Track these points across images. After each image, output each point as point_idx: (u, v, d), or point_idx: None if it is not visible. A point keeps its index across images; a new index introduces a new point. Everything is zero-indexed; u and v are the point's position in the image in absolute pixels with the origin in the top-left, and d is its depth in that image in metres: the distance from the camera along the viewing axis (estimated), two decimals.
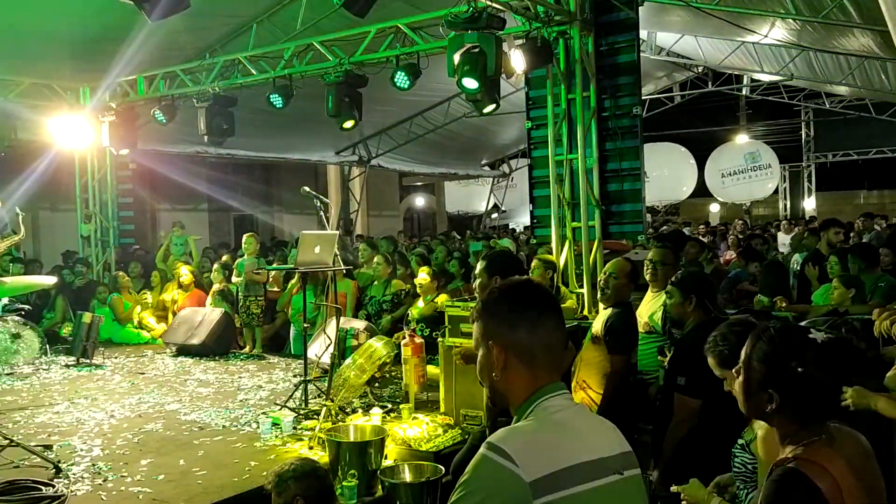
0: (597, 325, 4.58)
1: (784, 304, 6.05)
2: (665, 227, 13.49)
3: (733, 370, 1.95)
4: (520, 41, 6.90)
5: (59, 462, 4.52)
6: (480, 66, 6.41)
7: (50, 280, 5.61)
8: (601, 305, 5.09)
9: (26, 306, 6.00)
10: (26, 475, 4.31)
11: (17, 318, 7.34)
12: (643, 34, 12.63)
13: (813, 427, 1.79)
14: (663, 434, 3.83)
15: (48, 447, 4.87)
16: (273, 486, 3.15)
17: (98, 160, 11.12)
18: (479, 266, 4.03)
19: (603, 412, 3.85)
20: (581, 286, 7.01)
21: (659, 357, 4.61)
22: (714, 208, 26.62)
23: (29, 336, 7.67)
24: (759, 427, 2.67)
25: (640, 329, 4.82)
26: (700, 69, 17.96)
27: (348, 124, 8.38)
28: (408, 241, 16.09)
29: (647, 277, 5.14)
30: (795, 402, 1.78)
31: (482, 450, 1.59)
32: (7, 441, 4.61)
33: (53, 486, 4.13)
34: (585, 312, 6.90)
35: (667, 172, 20.92)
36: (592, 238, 6.97)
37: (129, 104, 10.20)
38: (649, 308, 5.11)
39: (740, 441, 2.83)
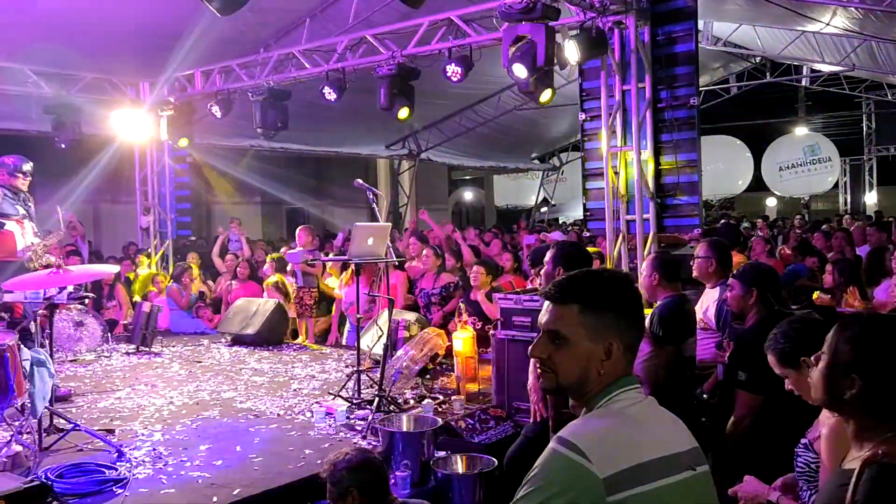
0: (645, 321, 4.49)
1: (857, 302, 5.83)
2: (722, 222, 13.23)
3: (812, 357, 1.87)
4: (574, 31, 6.82)
5: (121, 446, 4.64)
6: (534, 57, 6.36)
7: (113, 269, 5.78)
8: None
9: (90, 294, 6.17)
10: (89, 458, 4.44)
11: (80, 306, 7.57)
12: (699, 24, 12.38)
13: (890, 421, 1.72)
14: (720, 430, 3.75)
15: (111, 431, 5.00)
16: (328, 475, 3.17)
17: (156, 153, 11.38)
18: (548, 255, 3.99)
19: None
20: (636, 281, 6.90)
21: (718, 352, 4.51)
22: (771, 202, 26.01)
23: (91, 324, 7.90)
24: (825, 425, 2.59)
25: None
26: (758, 60, 17.52)
27: (403, 113, 8.40)
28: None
29: (695, 273, 5.02)
30: (879, 390, 1.71)
31: (553, 444, 1.56)
32: (72, 425, 4.75)
33: (116, 469, 4.24)
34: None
35: (722, 166, 20.50)
36: (647, 232, 6.86)
37: (187, 98, 10.42)
38: (702, 303, 5.01)
39: (804, 440, 2.75)
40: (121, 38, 9.11)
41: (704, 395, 4.47)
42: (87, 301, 6.40)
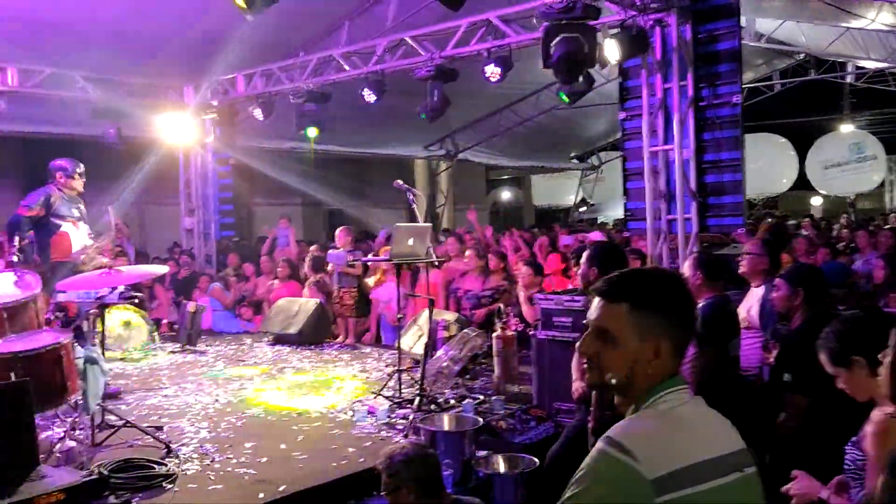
0: None
1: None
2: (766, 221, 13.03)
3: (879, 354, 1.85)
4: (614, 30, 6.78)
5: (169, 442, 4.75)
6: (574, 56, 6.34)
7: (162, 269, 5.93)
8: None
9: (140, 294, 6.32)
10: (140, 454, 4.55)
11: (128, 305, 7.74)
12: (741, 20, 12.21)
13: None
14: (766, 432, 3.71)
15: (159, 428, 5.12)
16: (384, 467, 3.20)
17: (200, 156, 11.58)
18: (584, 256, 3.99)
19: None
20: None
21: (763, 353, 4.46)
22: (816, 201, 25.50)
23: (139, 323, 8.09)
24: (871, 422, 2.55)
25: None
26: (801, 56, 17.19)
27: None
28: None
29: (740, 271, 4.96)
30: None
31: (600, 444, 1.55)
32: (122, 421, 4.88)
33: (165, 465, 4.34)
34: None
35: (764, 164, 20.16)
36: (689, 231, 6.79)
37: (229, 102, 10.59)
38: (746, 302, 4.95)
39: (854, 438, 2.71)
40: (166, 44, 9.30)
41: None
42: (136, 301, 6.55)
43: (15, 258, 5.01)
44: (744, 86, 16.71)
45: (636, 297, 1.66)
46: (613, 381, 1.67)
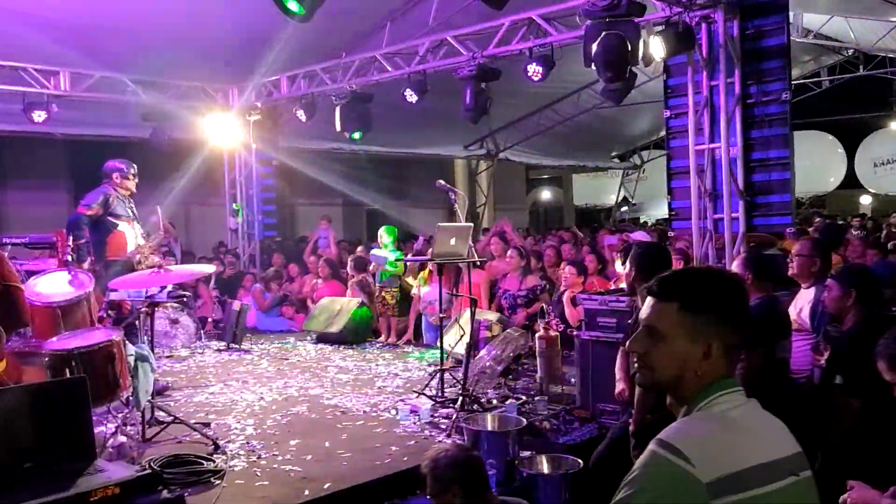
0: None
1: None
2: (817, 220, 12.74)
3: None
4: (659, 27, 6.70)
5: (217, 439, 4.83)
6: (618, 54, 6.29)
7: (210, 268, 6.06)
8: None
9: (188, 293, 6.46)
10: (188, 450, 4.64)
11: (175, 304, 7.90)
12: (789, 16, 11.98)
13: None
14: (818, 436, 3.63)
15: (207, 425, 5.21)
16: (429, 469, 3.20)
17: (244, 157, 11.75)
18: (629, 257, 3.96)
19: None
20: None
21: (814, 355, 4.36)
22: (865, 200, 24.87)
23: (186, 321, 8.25)
24: None
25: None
26: (850, 52, 16.78)
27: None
28: (534, 235, 15.93)
29: (790, 272, 4.86)
30: None
31: (653, 446, 1.53)
32: (172, 418, 4.98)
33: (213, 461, 4.42)
34: None
35: (812, 162, 19.74)
36: (736, 231, 6.68)
37: (273, 103, 10.73)
38: (796, 304, 4.85)
39: None
40: (212, 47, 9.47)
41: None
42: (184, 299, 6.69)
43: (69, 257, 5.15)
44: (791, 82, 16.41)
45: (687, 296, 1.65)
46: (662, 380, 1.66)
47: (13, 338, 4.43)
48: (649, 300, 1.71)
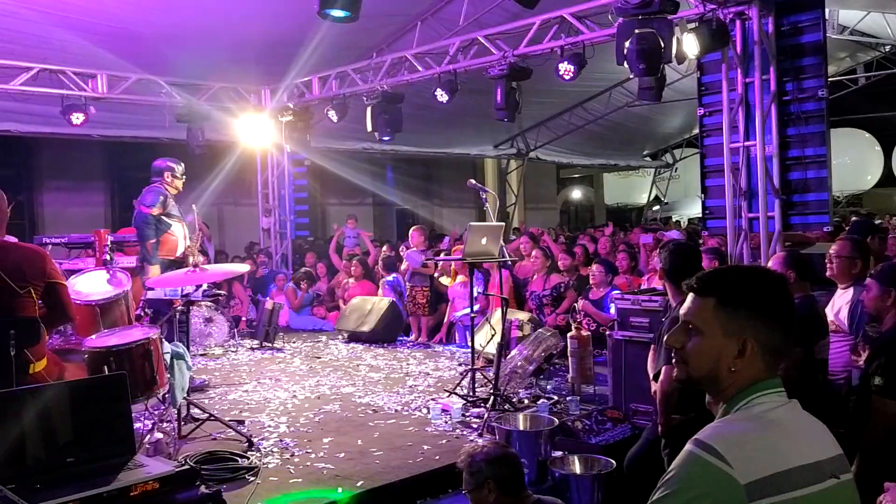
0: None
1: None
2: (853, 219, 12.51)
3: None
4: (692, 24, 6.63)
5: (251, 436, 4.89)
6: (651, 52, 6.24)
7: (244, 268, 6.14)
8: None
9: (223, 292, 6.54)
10: (223, 447, 4.70)
11: (209, 303, 8.01)
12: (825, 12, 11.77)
13: None
14: (857, 439, 3.57)
15: (241, 422, 5.28)
16: (466, 466, 3.22)
17: (276, 157, 11.86)
18: (662, 255, 3.93)
19: None
20: None
21: (852, 357, 4.29)
22: None
23: (220, 320, 8.36)
24: None
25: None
26: (888, 48, 16.44)
27: None
28: (564, 232, 15.86)
29: (828, 273, 4.77)
30: None
31: (690, 447, 1.51)
32: (206, 415, 5.05)
33: (248, 458, 4.47)
34: None
35: (848, 160, 19.37)
36: (772, 230, 6.58)
37: (305, 104, 10.82)
38: (834, 305, 4.76)
39: None
40: (246, 49, 9.58)
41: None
42: (218, 298, 6.78)
43: (108, 257, 5.25)
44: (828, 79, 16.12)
45: (724, 292, 1.64)
46: (697, 375, 1.65)
47: (54, 336, 4.53)
48: (689, 296, 1.70)
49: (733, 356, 1.60)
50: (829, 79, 17.29)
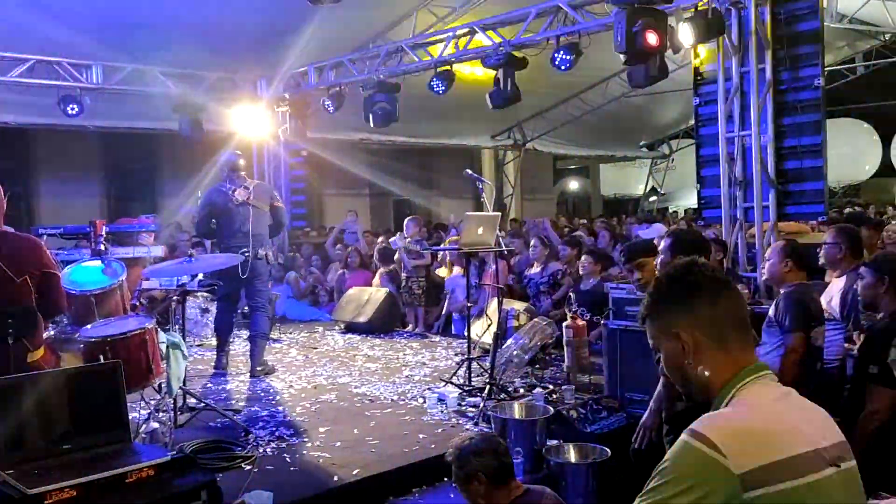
0: (771, 310, 4.33)
1: None
2: (848, 210, 12.53)
3: None
4: (688, 14, 6.62)
5: (247, 425, 4.90)
6: (646, 42, 6.23)
7: (240, 258, 6.13)
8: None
9: (219, 282, 6.54)
10: (218, 436, 4.70)
11: (206, 293, 7.99)
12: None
13: None
14: (852, 427, 3.59)
15: (237, 412, 5.29)
16: (454, 458, 3.23)
17: (273, 148, 11.83)
18: (663, 244, 3.93)
19: None
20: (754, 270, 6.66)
21: (846, 345, 4.31)
22: None
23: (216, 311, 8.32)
24: None
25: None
26: (887, 37, 16.41)
27: None
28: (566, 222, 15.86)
29: (822, 260, 4.79)
30: None
31: (684, 437, 1.49)
32: (203, 404, 5.06)
33: (244, 447, 4.48)
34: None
35: (846, 150, 19.36)
36: (767, 220, 6.59)
37: (301, 94, 10.79)
38: (827, 293, 4.78)
39: None
40: (242, 38, 9.55)
41: None
42: (214, 288, 6.77)
43: (102, 247, 5.24)
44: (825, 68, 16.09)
45: (648, 308, 1.71)
46: (680, 386, 1.71)
47: (50, 326, 4.53)
48: None
49: (681, 353, 1.63)
50: (828, 68, 17.30)
